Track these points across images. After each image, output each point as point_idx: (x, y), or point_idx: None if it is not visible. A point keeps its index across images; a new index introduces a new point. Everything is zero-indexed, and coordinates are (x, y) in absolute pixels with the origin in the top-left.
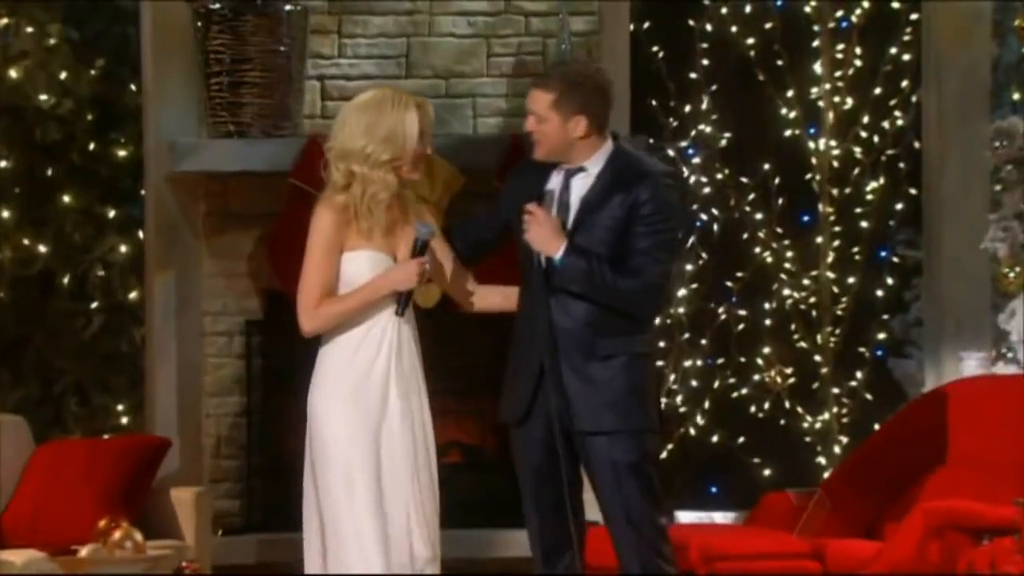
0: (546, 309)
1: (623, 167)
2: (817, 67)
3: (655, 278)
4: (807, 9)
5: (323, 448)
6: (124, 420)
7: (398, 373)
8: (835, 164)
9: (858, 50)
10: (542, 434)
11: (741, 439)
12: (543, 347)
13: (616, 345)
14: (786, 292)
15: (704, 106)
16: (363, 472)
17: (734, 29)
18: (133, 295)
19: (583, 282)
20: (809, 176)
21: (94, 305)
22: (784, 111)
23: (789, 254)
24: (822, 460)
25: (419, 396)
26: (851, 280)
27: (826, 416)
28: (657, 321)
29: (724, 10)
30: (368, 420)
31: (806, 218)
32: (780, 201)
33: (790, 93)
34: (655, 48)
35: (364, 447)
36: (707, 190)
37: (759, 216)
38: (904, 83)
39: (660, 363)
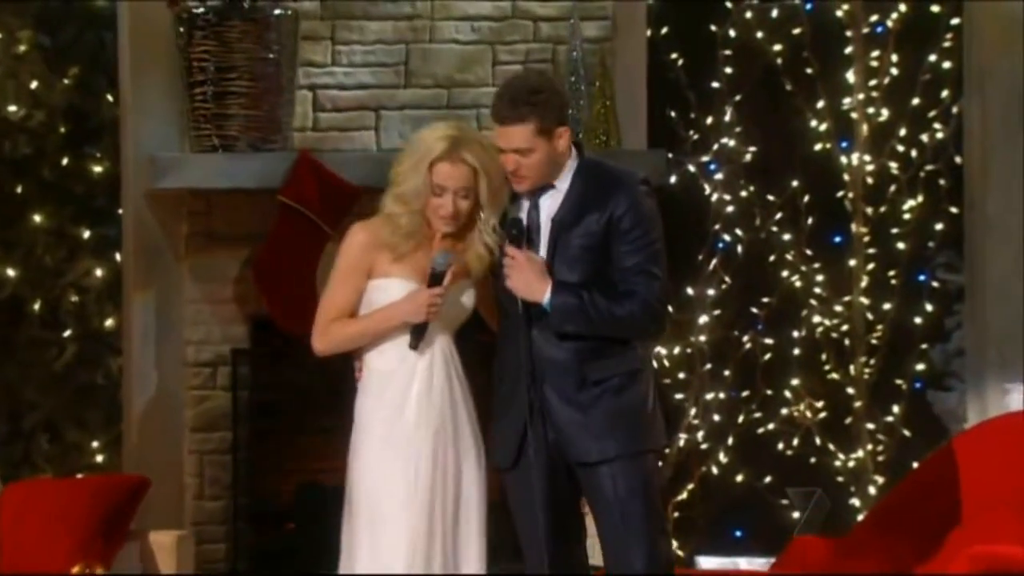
0: (529, 341)
1: (594, 178)
2: (850, 76)
3: (654, 295)
4: (839, 13)
5: (355, 491)
6: (99, 458)
7: (428, 406)
8: (869, 181)
9: (894, 57)
10: (538, 474)
11: (768, 478)
12: (530, 381)
13: (608, 367)
14: (816, 319)
15: (727, 118)
16: (392, 523)
17: (759, 35)
18: (109, 322)
19: (579, 321)
20: (841, 194)
21: (67, 333)
22: (814, 123)
23: (819, 278)
24: (856, 501)
25: (454, 429)
26: (887, 306)
27: (860, 454)
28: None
29: (749, 14)
30: (401, 459)
31: (838, 239)
32: (810, 221)
33: (820, 104)
34: (674, 55)
35: (396, 491)
36: (730, 209)
37: (787, 237)
38: (944, 93)
39: (680, 396)
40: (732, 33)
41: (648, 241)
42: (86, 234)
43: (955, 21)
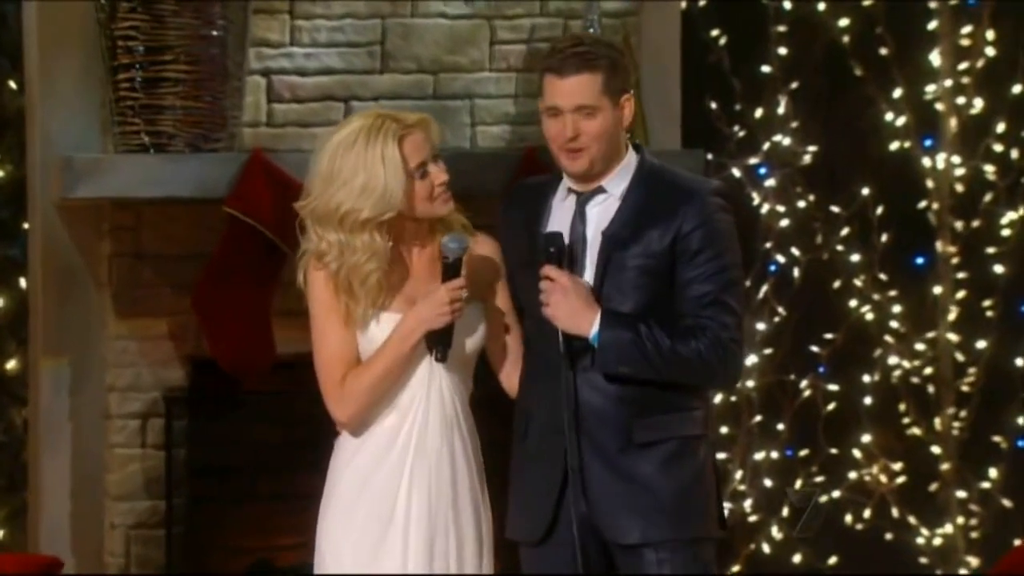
0: (570, 386)
1: (657, 185)
2: (935, 57)
3: (728, 332)
4: None
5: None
6: None
7: (418, 456)
8: (959, 188)
9: (990, 34)
10: (571, 553)
11: (833, 559)
12: (569, 436)
13: (661, 427)
14: (893, 360)
15: (781, 110)
16: None
17: (822, 7)
18: (12, 364)
19: (633, 360)
20: (924, 204)
21: None
22: (889, 117)
23: (896, 309)
24: None
25: (453, 500)
26: (981, 344)
27: (948, 529)
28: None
29: None
30: (367, 535)
31: (920, 261)
32: (884, 238)
33: (897, 92)
34: (715, 32)
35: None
36: (785, 223)
37: (855, 258)
38: None
39: (723, 455)
40: (787, 5)
41: (722, 265)
42: None
43: None
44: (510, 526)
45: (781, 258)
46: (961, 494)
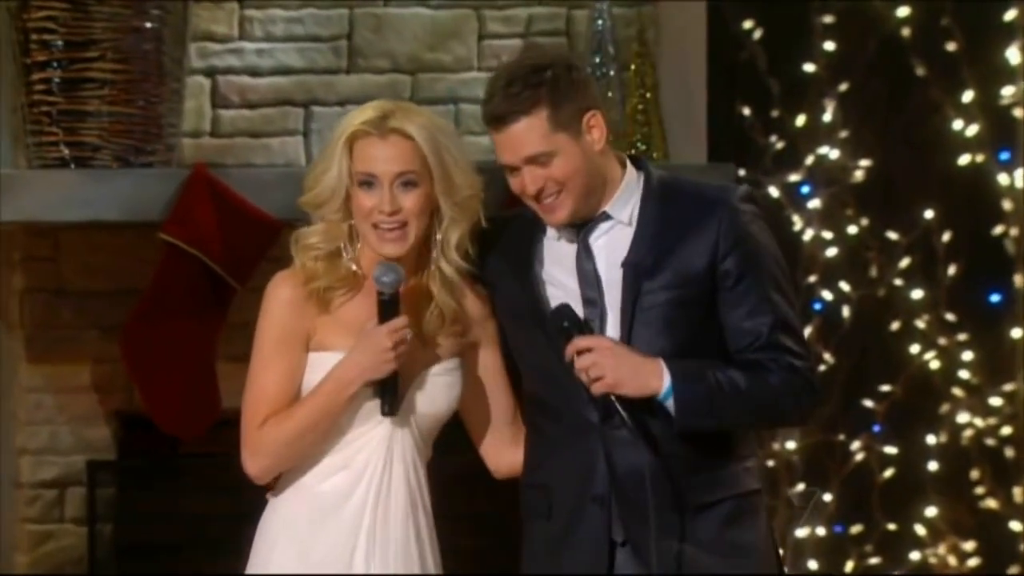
0: (601, 446)
1: (675, 199)
2: (1012, 54)
3: (797, 359)
4: None
5: None
6: None
7: (379, 527)
8: None
9: None
10: None
11: None
12: (608, 504)
13: (715, 485)
14: (962, 418)
15: (827, 117)
16: None
17: None
18: None
19: (714, 411)
20: (1000, 230)
21: None
22: (958, 125)
23: (967, 356)
24: None
25: (422, 569)
26: None
27: None
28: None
29: None
30: None
31: (995, 298)
32: (952, 270)
33: (968, 96)
34: (748, 25)
35: None
36: (832, 251)
37: (917, 294)
38: None
39: None
40: None
41: (772, 285)
42: None
43: None
44: None
45: (828, 294)
46: None
